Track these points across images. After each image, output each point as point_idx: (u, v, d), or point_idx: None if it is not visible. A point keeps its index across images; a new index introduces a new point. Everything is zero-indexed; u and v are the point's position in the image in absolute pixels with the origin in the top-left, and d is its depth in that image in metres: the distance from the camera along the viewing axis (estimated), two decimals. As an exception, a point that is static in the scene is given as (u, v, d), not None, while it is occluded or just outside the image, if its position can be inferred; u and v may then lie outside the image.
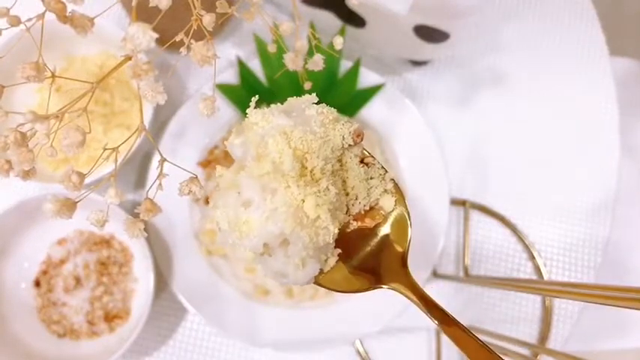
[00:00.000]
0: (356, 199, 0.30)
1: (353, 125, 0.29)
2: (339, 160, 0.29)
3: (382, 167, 0.30)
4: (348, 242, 0.29)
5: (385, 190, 0.30)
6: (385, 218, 0.30)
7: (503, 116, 0.67)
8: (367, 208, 0.30)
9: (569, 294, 0.36)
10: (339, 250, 0.29)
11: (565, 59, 0.69)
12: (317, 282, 0.29)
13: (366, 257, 0.30)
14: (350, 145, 0.29)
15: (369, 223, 0.30)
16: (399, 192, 0.30)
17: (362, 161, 0.30)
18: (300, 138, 0.27)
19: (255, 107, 0.28)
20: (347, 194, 0.30)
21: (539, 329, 0.61)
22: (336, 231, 0.27)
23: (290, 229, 0.25)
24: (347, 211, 0.30)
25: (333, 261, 0.28)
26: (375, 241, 0.30)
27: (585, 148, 0.66)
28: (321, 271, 0.28)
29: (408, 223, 0.30)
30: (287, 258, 0.27)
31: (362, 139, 0.29)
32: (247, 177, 0.27)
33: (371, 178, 0.30)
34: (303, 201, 0.26)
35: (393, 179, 0.30)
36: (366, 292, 0.29)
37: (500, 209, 0.63)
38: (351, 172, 0.29)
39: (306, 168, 0.27)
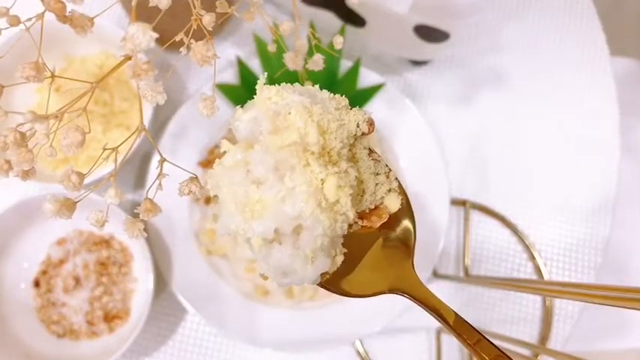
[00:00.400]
0: (362, 195, 0.28)
1: (366, 113, 0.27)
2: (350, 150, 0.28)
3: (386, 165, 0.29)
4: (352, 243, 0.27)
5: (390, 190, 0.29)
6: (390, 219, 0.29)
7: (503, 116, 0.67)
8: (372, 206, 0.28)
9: (569, 294, 0.36)
10: (345, 250, 0.27)
11: (565, 59, 0.69)
12: (321, 284, 0.27)
13: (372, 260, 0.28)
14: (363, 134, 0.27)
15: (374, 221, 0.28)
16: (403, 192, 0.29)
17: (369, 155, 0.29)
18: (321, 114, 0.25)
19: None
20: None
21: (540, 329, 0.61)
22: (352, 216, 0.26)
23: (310, 210, 0.23)
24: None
25: (340, 260, 0.27)
26: (380, 243, 0.28)
27: (585, 148, 0.66)
28: (326, 273, 0.27)
29: (413, 231, 0.29)
30: (296, 250, 0.24)
31: (373, 129, 0.27)
32: (262, 152, 0.24)
33: (377, 174, 0.29)
34: (323, 181, 0.24)
35: (397, 178, 0.29)
36: None
37: (500, 209, 0.63)
38: (361, 162, 0.28)
39: (324, 149, 0.25)
